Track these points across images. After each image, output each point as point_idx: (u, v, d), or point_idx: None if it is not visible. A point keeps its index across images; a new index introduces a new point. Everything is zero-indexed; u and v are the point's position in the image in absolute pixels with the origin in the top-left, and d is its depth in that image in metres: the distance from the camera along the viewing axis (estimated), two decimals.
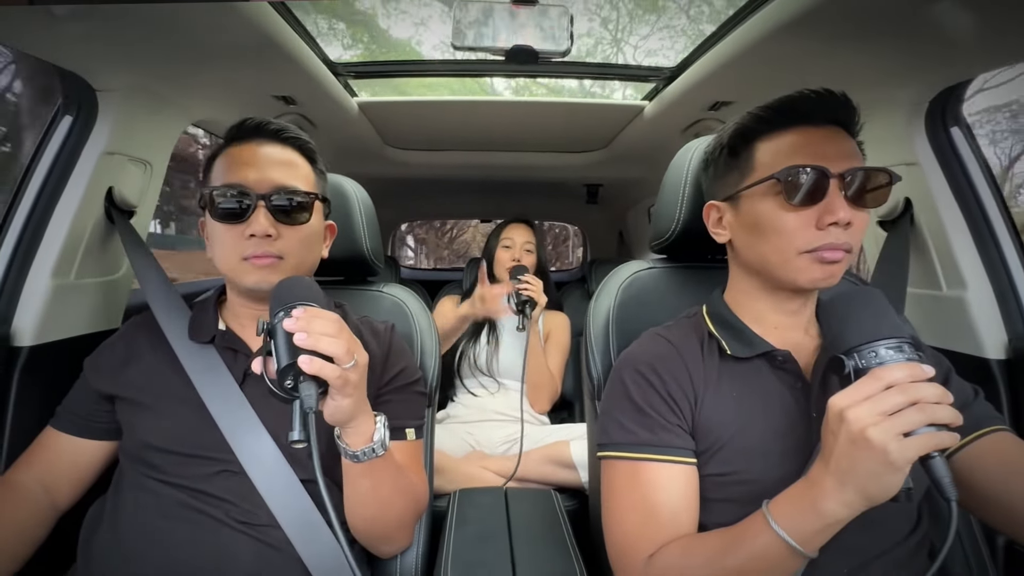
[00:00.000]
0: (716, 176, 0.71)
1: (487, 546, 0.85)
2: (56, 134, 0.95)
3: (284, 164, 0.74)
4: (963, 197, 1.00)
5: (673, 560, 0.59)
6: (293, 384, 0.57)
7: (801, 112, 0.62)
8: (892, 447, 0.44)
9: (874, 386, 0.47)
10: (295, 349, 0.56)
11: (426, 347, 0.97)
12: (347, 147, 1.74)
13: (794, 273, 0.62)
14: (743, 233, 0.67)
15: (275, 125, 0.75)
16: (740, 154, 0.66)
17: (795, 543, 0.50)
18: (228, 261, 0.72)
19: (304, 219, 0.73)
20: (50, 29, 0.76)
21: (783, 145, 0.62)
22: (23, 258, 0.92)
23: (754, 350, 0.66)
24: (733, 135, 0.67)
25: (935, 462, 0.46)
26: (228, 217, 0.70)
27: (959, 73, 0.91)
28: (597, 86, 2.36)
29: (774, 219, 0.62)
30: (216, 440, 0.71)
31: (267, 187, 0.71)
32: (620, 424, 0.66)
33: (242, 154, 0.73)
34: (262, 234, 0.69)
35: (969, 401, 0.66)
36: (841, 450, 0.47)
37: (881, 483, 0.46)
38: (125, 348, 0.80)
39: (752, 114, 0.65)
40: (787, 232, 0.61)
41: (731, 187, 0.67)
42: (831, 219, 0.59)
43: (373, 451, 0.64)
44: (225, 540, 0.68)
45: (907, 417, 0.45)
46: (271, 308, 0.61)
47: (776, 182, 0.61)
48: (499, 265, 1.76)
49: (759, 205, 0.63)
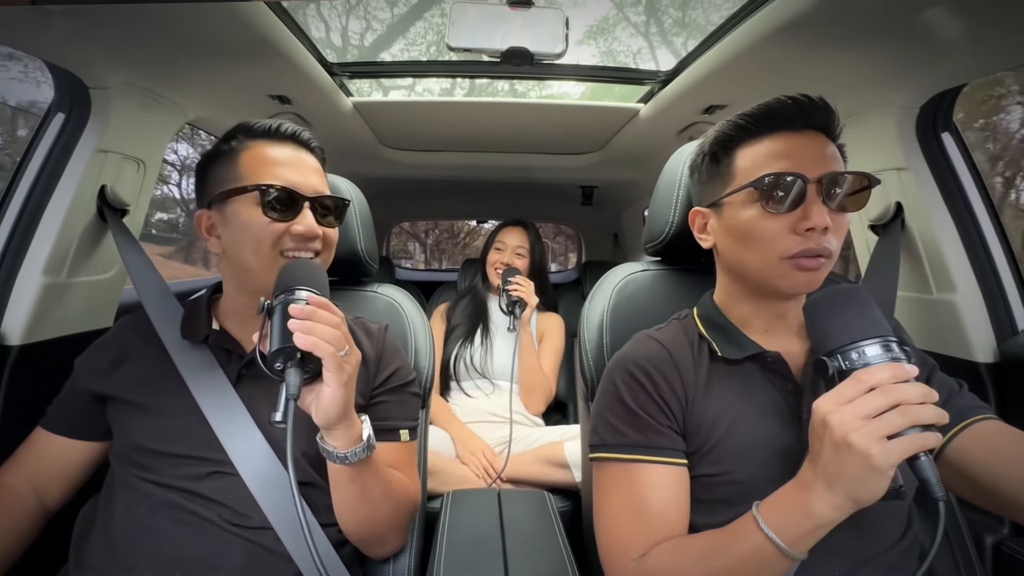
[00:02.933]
0: (700, 182, 0.72)
1: (480, 547, 0.85)
2: (48, 131, 0.94)
3: (317, 172, 0.77)
4: (953, 202, 1.01)
5: (664, 560, 0.59)
6: (283, 367, 0.59)
7: (779, 118, 0.63)
8: (875, 451, 0.45)
9: (856, 389, 0.48)
10: (289, 333, 0.58)
11: (420, 348, 0.97)
12: (342, 147, 1.73)
13: (775, 279, 0.63)
14: (726, 239, 0.68)
15: (307, 133, 0.79)
16: (721, 161, 0.67)
17: (784, 545, 0.50)
18: (263, 255, 0.71)
19: (337, 223, 0.78)
20: (43, 26, 0.76)
21: (762, 152, 0.63)
22: (14, 256, 0.91)
23: (744, 352, 0.66)
24: (714, 143, 0.68)
25: (921, 462, 0.46)
26: (276, 211, 0.71)
27: (950, 79, 0.92)
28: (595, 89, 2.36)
29: (754, 226, 0.62)
30: (208, 441, 0.71)
31: (311, 191, 0.74)
32: (611, 425, 0.67)
33: (281, 155, 0.74)
34: (312, 234, 0.72)
35: (954, 393, 0.67)
36: (826, 455, 0.48)
37: (867, 486, 0.46)
38: (116, 348, 0.79)
39: (732, 122, 0.66)
40: (766, 238, 0.62)
41: (714, 194, 0.68)
42: (808, 225, 0.59)
43: (362, 452, 0.64)
44: (217, 541, 0.68)
45: (889, 420, 0.45)
46: (274, 289, 0.64)
47: (754, 190, 0.62)
48: (489, 267, 1.77)
49: (740, 212, 0.64)
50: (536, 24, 0.82)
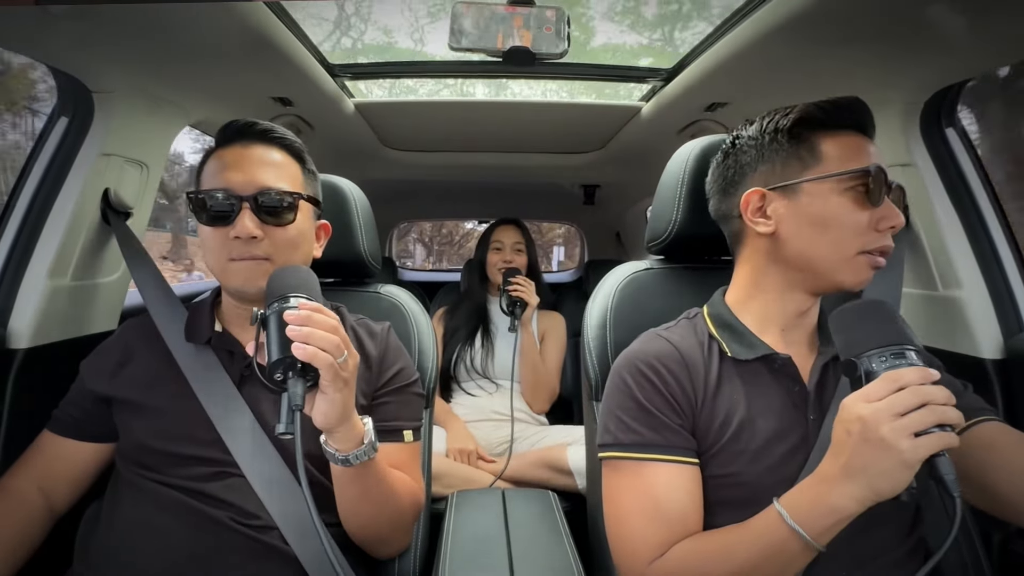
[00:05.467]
0: (763, 162, 0.67)
1: (485, 547, 0.85)
2: (52, 135, 0.94)
3: (270, 165, 0.73)
4: (958, 198, 1.00)
5: (684, 559, 0.59)
6: (283, 378, 0.58)
7: (857, 118, 0.64)
8: (905, 446, 0.47)
9: (888, 387, 0.49)
10: (287, 342, 0.57)
11: (424, 348, 0.97)
12: (344, 148, 1.74)
13: (845, 272, 0.63)
14: (796, 225, 0.64)
15: (262, 126, 0.75)
16: (803, 143, 0.64)
17: (809, 537, 0.51)
18: (216, 263, 0.72)
19: (289, 219, 0.72)
20: (46, 30, 0.76)
21: (848, 144, 0.63)
22: (19, 260, 0.91)
23: (754, 352, 0.66)
24: (797, 122, 0.65)
25: (941, 460, 0.48)
26: (214, 220, 0.70)
27: (954, 74, 0.91)
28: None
29: (844, 215, 0.62)
30: (213, 441, 0.71)
31: (252, 188, 0.70)
32: (624, 424, 0.66)
33: (229, 156, 0.73)
34: (247, 236, 0.69)
35: (959, 394, 0.67)
36: (855, 448, 0.49)
37: (892, 480, 0.48)
38: (121, 350, 0.79)
39: (817, 105, 0.64)
40: (851, 230, 0.62)
41: (789, 176, 0.65)
42: (889, 223, 0.61)
43: (364, 454, 0.64)
44: (223, 541, 0.68)
45: (918, 418, 0.48)
46: (266, 298, 0.62)
47: (856, 176, 0.61)
48: (491, 268, 1.77)
49: (827, 199, 0.62)
50: (538, 23, 0.82)
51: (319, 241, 0.83)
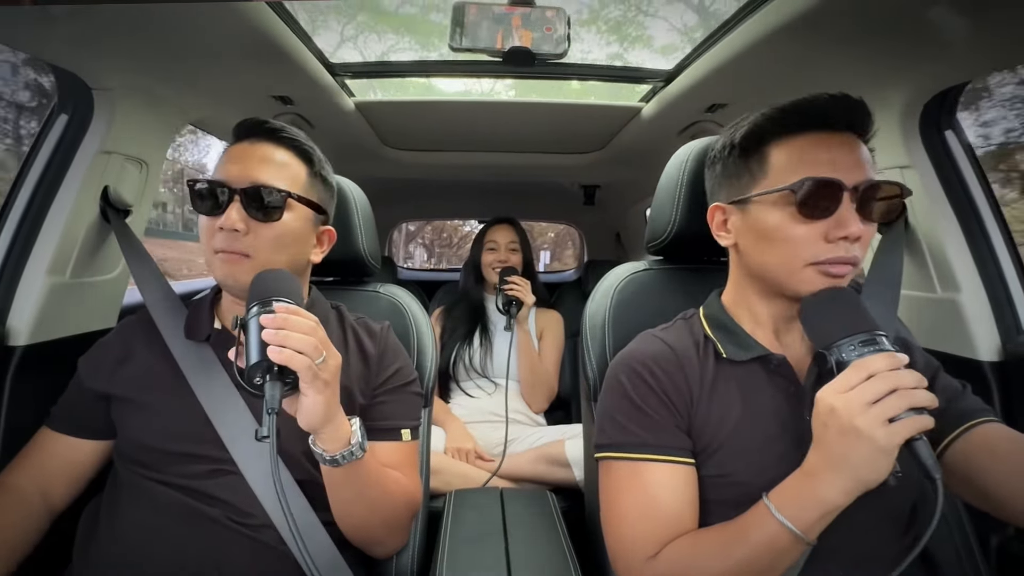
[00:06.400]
0: (724, 176, 0.68)
1: (483, 546, 0.85)
2: (52, 133, 0.94)
3: (270, 162, 0.72)
4: (957, 200, 1.01)
5: (679, 556, 0.59)
6: (262, 382, 0.58)
7: (818, 115, 0.60)
8: (879, 433, 0.48)
9: (857, 376, 0.50)
10: (264, 346, 0.57)
11: (423, 347, 0.97)
12: (344, 147, 1.74)
13: (798, 284, 0.61)
14: (749, 239, 0.65)
15: (272, 125, 0.75)
16: (752, 156, 0.64)
17: (797, 530, 0.52)
18: (205, 254, 0.73)
19: (276, 217, 0.71)
20: (46, 27, 0.76)
21: (797, 150, 0.60)
22: (18, 257, 0.91)
23: (749, 353, 0.66)
24: (746, 135, 0.64)
25: (919, 444, 0.49)
26: (206, 209, 0.71)
27: (953, 77, 0.91)
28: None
29: (783, 229, 0.60)
30: (211, 439, 0.71)
31: (245, 182, 0.70)
32: (619, 424, 0.66)
33: (235, 152, 0.73)
34: (230, 227, 0.68)
35: (958, 395, 0.67)
36: (832, 440, 0.50)
37: (873, 467, 0.49)
38: (120, 347, 0.79)
39: (766, 115, 0.63)
40: (795, 243, 0.60)
41: (741, 190, 0.65)
42: (841, 233, 0.58)
43: (352, 454, 0.64)
44: (220, 539, 0.68)
45: (890, 403, 0.48)
46: (247, 302, 0.62)
47: (791, 193, 0.59)
48: (486, 268, 1.77)
49: (769, 213, 0.62)
50: (538, 24, 0.82)
51: (321, 247, 0.81)
